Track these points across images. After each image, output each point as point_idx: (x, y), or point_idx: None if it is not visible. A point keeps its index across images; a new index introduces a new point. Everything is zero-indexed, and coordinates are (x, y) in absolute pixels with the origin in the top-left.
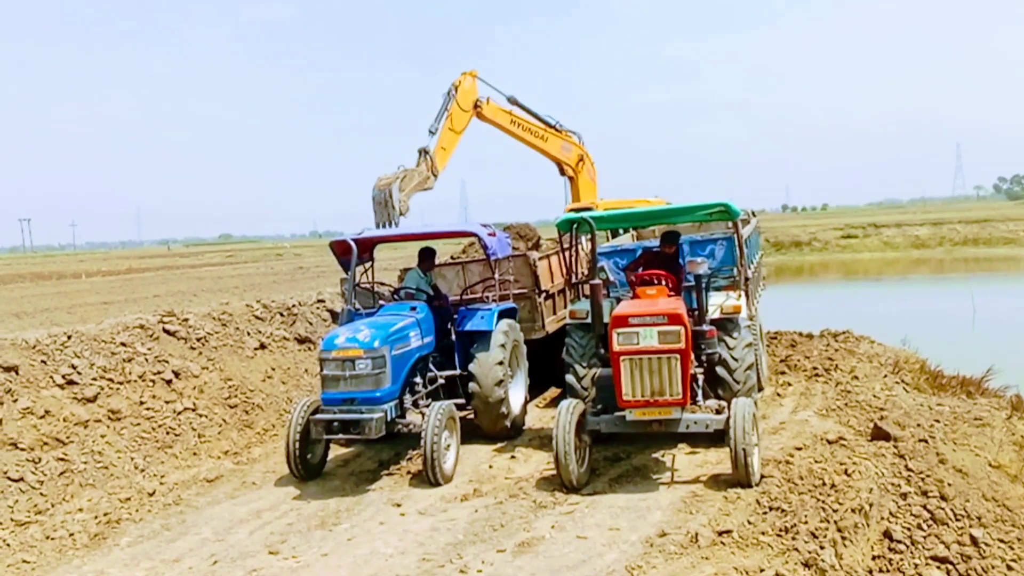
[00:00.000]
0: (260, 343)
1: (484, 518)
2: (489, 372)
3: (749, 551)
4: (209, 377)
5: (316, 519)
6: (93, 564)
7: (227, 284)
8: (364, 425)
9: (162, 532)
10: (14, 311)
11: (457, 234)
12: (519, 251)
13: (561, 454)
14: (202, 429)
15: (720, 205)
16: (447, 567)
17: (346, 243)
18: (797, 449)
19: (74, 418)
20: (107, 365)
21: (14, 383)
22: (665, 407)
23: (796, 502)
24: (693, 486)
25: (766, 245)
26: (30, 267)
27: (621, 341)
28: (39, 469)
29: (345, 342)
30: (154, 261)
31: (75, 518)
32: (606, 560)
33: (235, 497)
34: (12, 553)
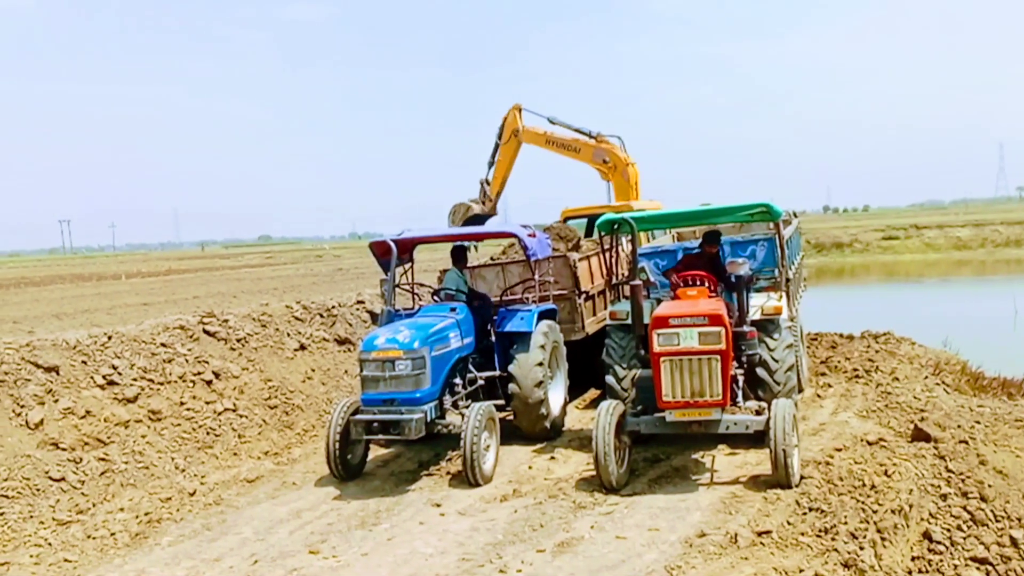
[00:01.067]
0: (300, 344)
1: (523, 518)
2: (529, 373)
3: (788, 552)
4: (249, 378)
5: (356, 519)
6: (134, 563)
7: (266, 285)
8: (404, 426)
9: (203, 532)
10: (54, 312)
11: (497, 235)
12: (559, 252)
13: (601, 455)
14: (242, 430)
15: (761, 205)
16: (487, 567)
17: (386, 244)
18: (837, 450)
19: (115, 418)
20: (147, 366)
21: (55, 383)
22: (705, 408)
23: (836, 503)
24: (732, 487)
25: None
26: (70, 268)
27: (661, 342)
28: (80, 469)
29: (385, 343)
30: (193, 262)
31: (116, 518)
32: (645, 560)
33: (275, 497)
34: (54, 552)
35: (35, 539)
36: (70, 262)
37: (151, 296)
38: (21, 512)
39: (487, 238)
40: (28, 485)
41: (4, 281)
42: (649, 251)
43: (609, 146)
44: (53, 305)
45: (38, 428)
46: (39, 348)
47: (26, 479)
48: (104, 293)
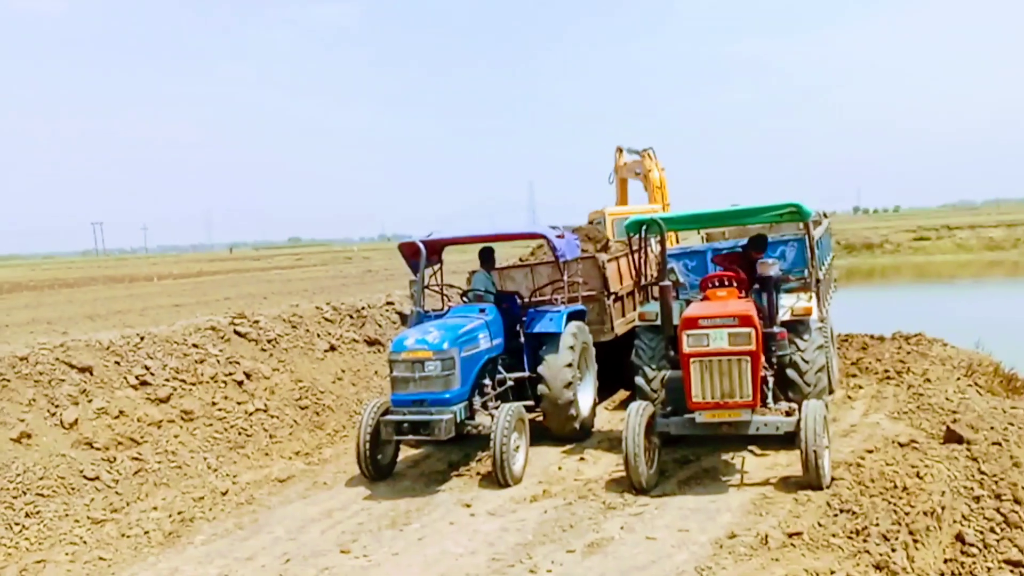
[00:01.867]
0: (330, 345)
1: (553, 519)
2: (558, 374)
3: (819, 553)
4: (280, 378)
5: (387, 519)
6: (168, 562)
7: (296, 287)
8: (434, 426)
9: (235, 531)
10: (87, 313)
11: (526, 236)
12: (588, 253)
13: (631, 456)
14: (273, 430)
15: (791, 206)
16: (517, 567)
17: (415, 245)
18: (868, 452)
19: (148, 418)
20: (179, 366)
21: (89, 383)
22: (735, 409)
23: (867, 504)
24: (763, 488)
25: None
26: (102, 270)
27: (691, 343)
28: (114, 468)
29: (415, 344)
30: (224, 264)
31: (150, 516)
32: (675, 561)
33: (306, 497)
34: (89, 550)
35: (70, 537)
36: (103, 264)
37: (182, 297)
38: (57, 511)
39: (516, 239)
40: (63, 484)
41: (38, 283)
42: (678, 252)
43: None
44: (86, 306)
45: (72, 428)
46: (73, 349)
47: (61, 478)
48: (136, 294)
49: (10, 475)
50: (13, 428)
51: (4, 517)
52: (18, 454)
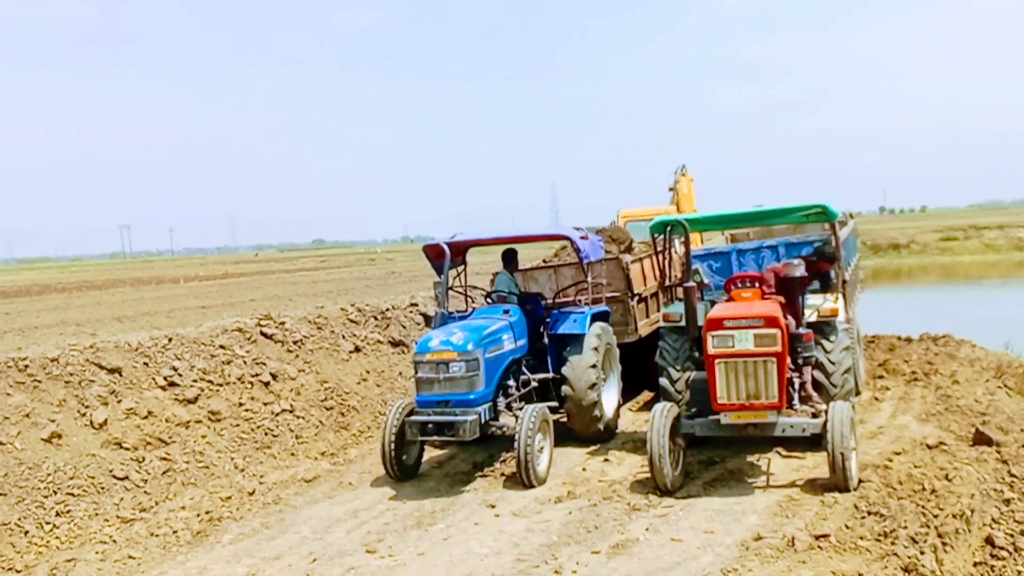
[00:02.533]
0: (355, 346)
1: (578, 520)
2: (582, 375)
3: (847, 556)
4: (306, 379)
5: (412, 519)
6: (196, 561)
7: (321, 288)
8: (458, 427)
9: (262, 530)
10: (116, 315)
11: (549, 237)
12: (611, 254)
13: (655, 457)
14: (299, 430)
15: (817, 206)
16: (542, 568)
17: (439, 247)
18: (896, 454)
19: (176, 419)
20: (207, 367)
21: (118, 384)
22: (761, 411)
23: (895, 507)
24: (789, 490)
25: (863, 248)
26: (130, 272)
27: (716, 344)
28: (143, 468)
29: (439, 345)
30: (249, 266)
31: (178, 516)
32: (701, 563)
33: (332, 497)
34: (119, 549)
35: (100, 536)
36: (130, 266)
37: (209, 299)
38: (87, 510)
39: (540, 240)
40: (93, 483)
41: (67, 285)
42: (703, 253)
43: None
44: (115, 308)
45: (102, 428)
46: (102, 350)
47: (91, 477)
48: (163, 296)
49: (41, 475)
50: (44, 428)
51: (35, 516)
52: (49, 454)
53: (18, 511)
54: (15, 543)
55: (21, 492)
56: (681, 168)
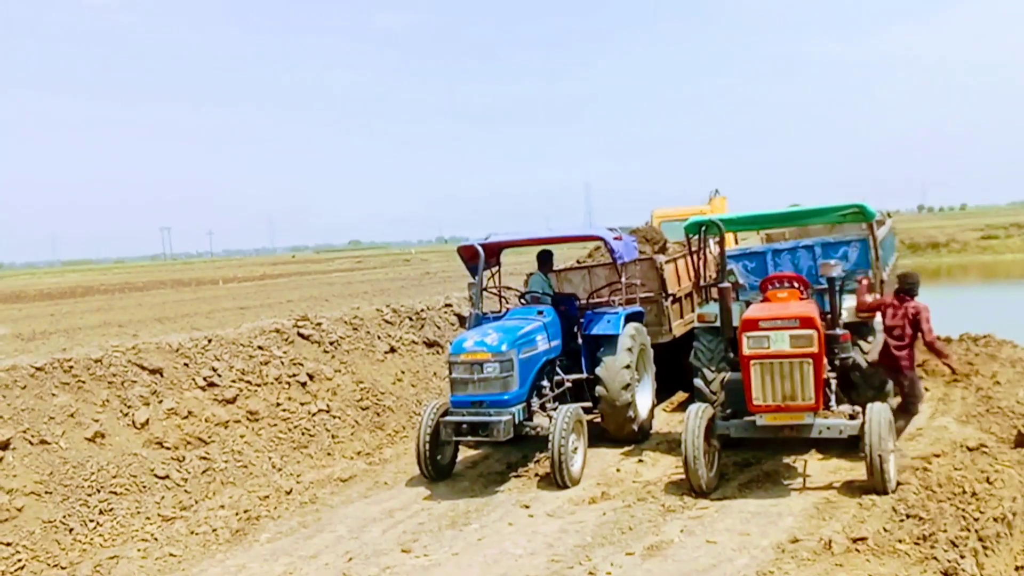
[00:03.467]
0: (390, 347)
1: (612, 521)
2: (616, 376)
3: (885, 559)
4: (342, 380)
5: (447, 519)
6: (235, 559)
7: (357, 289)
8: (492, 427)
9: (299, 529)
10: (156, 316)
11: (583, 238)
12: (645, 255)
13: (690, 458)
14: (335, 430)
15: (855, 206)
16: (576, 569)
17: (474, 248)
18: (935, 456)
19: (215, 418)
20: (245, 368)
21: (159, 385)
22: (797, 412)
23: (935, 510)
24: (826, 492)
25: (901, 247)
26: (170, 274)
27: (751, 345)
28: (183, 467)
29: (473, 346)
30: (287, 267)
31: (217, 514)
32: (736, 565)
33: (368, 496)
34: (160, 547)
35: (142, 534)
36: (171, 268)
37: (247, 300)
38: (129, 508)
39: (573, 241)
40: (135, 482)
41: (109, 286)
42: (737, 253)
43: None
44: (155, 309)
45: (144, 427)
46: (144, 351)
47: (133, 476)
48: (203, 297)
49: (85, 473)
50: (88, 428)
51: (79, 514)
52: (92, 453)
53: (63, 509)
54: (60, 540)
55: (66, 490)
56: (714, 192)
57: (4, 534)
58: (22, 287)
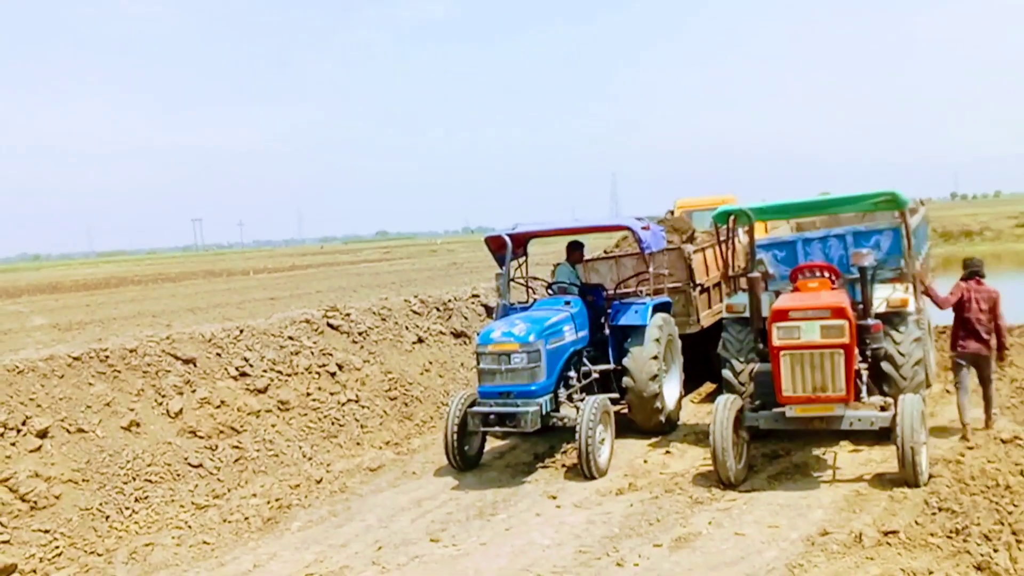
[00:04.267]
0: (418, 337)
1: (640, 512)
2: (643, 367)
3: (917, 552)
4: (370, 370)
5: (474, 509)
6: (267, 547)
7: (384, 280)
8: (520, 418)
9: (329, 518)
10: (189, 307)
11: (611, 228)
12: (673, 244)
13: (719, 450)
14: (364, 420)
15: (887, 194)
16: (603, 560)
17: (501, 238)
18: (969, 448)
19: (247, 408)
20: (276, 358)
21: (192, 375)
22: (827, 403)
23: (968, 503)
24: (856, 484)
25: (934, 235)
26: (202, 265)
27: (781, 335)
28: (216, 456)
29: (501, 336)
30: (315, 258)
31: (249, 503)
32: (765, 557)
33: (396, 486)
34: (194, 534)
35: (176, 521)
36: (202, 259)
37: (277, 291)
38: (163, 496)
39: (601, 231)
40: (169, 470)
41: (143, 277)
42: (767, 242)
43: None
44: (188, 300)
45: (178, 417)
46: (178, 341)
47: (168, 465)
48: (234, 288)
49: (121, 461)
50: (124, 417)
51: (115, 502)
52: (128, 441)
53: (100, 496)
54: (97, 527)
55: (102, 478)
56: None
57: (43, 521)
58: (59, 278)
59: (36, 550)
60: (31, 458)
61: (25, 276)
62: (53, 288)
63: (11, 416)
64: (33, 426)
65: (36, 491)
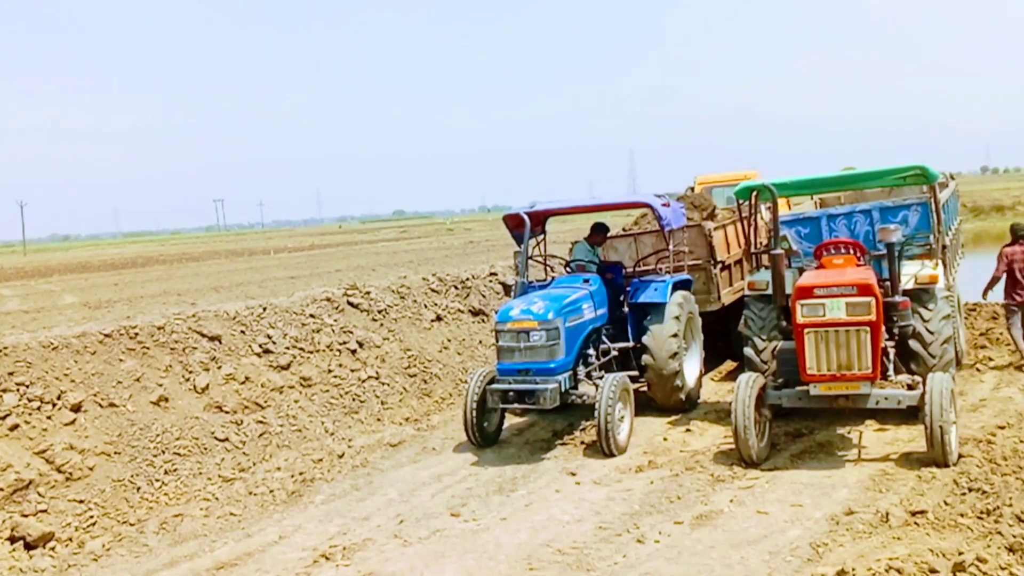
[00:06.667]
0: (436, 315)
1: (660, 490)
2: (663, 344)
3: (946, 533)
4: (390, 347)
5: (494, 484)
6: (292, 519)
7: (402, 259)
8: (539, 395)
9: (352, 492)
10: (212, 285)
11: (630, 205)
12: (693, 221)
13: (740, 428)
14: (385, 396)
15: (916, 168)
16: (624, 536)
17: (519, 216)
18: (1000, 428)
19: (270, 384)
20: (298, 335)
21: (218, 351)
22: (853, 382)
23: (999, 483)
24: (882, 464)
25: (963, 210)
26: (224, 244)
27: (806, 313)
28: (241, 431)
29: (520, 314)
30: (334, 237)
31: (274, 476)
32: (789, 536)
33: (417, 461)
34: (220, 506)
35: (203, 494)
36: (224, 238)
37: (297, 270)
38: (191, 469)
39: (620, 208)
40: (197, 444)
41: (168, 257)
42: (790, 219)
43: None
44: (211, 279)
45: (204, 392)
46: (203, 319)
47: (195, 439)
48: (255, 267)
49: (151, 435)
50: (153, 392)
51: (146, 474)
52: (157, 416)
53: (131, 469)
54: (128, 498)
55: (133, 451)
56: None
57: (78, 492)
58: (87, 258)
59: (72, 519)
60: (66, 431)
61: (56, 256)
62: (82, 268)
63: (47, 391)
64: (67, 400)
65: (71, 463)
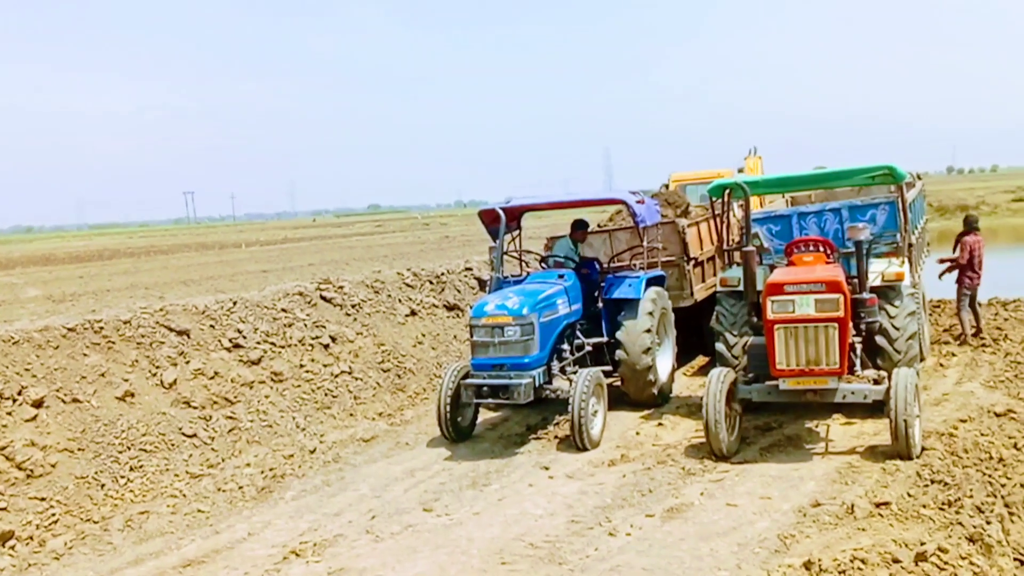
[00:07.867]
0: (411, 310)
1: (632, 483)
2: (636, 340)
3: (909, 524)
4: (363, 342)
5: (467, 479)
6: (261, 515)
7: (377, 253)
8: (513, 390)
9: (323, 487)
10: (182, 279)
11: (605, 202)
12: (667, 218)
13: (711, 422)
14: (357, 391)
15: (885, 168)
16: (596, 529)
17: (495, 212)
18: (962, 421)
19: (240, 379)
20: (269, 330)
21: (186, 346)
22: (821, 376)
23: (960, 475)
24: (848, 457)
25: (930, 209)
26: (194, 237)
27: (775, 309)
28: (210, 426)
29: (495, 309)
30: (307, 231)
31: (243, 472)
32: (757, 528)
33: (390, 456)
34: (188, 503)
35: (171, 490)
36: (194, 231)
37: (269, 264)
38: (158, 465)
39: (595, 204)
40: (164, 440)
41: (135, 250)
42: (762, 216)
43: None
44: (180, 272)
45: (172, 387)
46: (171, 312)
47: (162, 435)
48: (226, 261)
49: (116, 431)
50: (118, 387)
51: (111, 470)
52: (123, 412)
53: (95, 465)
54: (92, 496)
55: (97, 447)
56: (752, 151)
57: (39, 489)
58: (51, 250)
59: (32, 517)
60: (27, 427)
61: (18, 248)
62: (46, 260)
63: (7, 386)
64: (29, 396)
65: (32, 459)
